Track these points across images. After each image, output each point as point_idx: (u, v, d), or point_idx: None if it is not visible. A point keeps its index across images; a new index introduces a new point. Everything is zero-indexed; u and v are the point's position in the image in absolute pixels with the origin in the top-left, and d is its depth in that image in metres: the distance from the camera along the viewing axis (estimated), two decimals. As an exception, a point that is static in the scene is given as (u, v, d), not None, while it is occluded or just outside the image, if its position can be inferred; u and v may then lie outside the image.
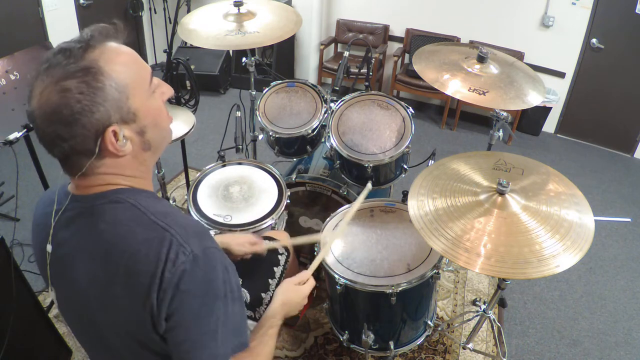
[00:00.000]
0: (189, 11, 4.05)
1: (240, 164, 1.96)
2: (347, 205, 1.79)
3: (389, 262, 1.54)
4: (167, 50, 2.40)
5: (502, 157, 1.52)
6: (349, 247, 1.61)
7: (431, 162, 2.12)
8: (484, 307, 1.73)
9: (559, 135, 4.22)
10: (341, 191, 1.96)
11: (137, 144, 0.80)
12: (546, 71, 3.88)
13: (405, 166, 1.97)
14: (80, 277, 0.80)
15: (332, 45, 4.53)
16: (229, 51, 4.40)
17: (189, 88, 2.86)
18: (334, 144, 1.89)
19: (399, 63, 4.16)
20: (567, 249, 1.18)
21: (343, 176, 1.98)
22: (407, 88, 4.04)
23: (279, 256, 1.51)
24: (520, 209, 1.31)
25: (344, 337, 1.68)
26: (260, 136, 2.35)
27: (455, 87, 1.69)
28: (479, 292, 2.40)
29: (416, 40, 4.04)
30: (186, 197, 1.80)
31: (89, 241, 0.79)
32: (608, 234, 2.95)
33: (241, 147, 2.34)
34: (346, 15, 4.44)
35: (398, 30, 4.32)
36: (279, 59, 4.35)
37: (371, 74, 2.23)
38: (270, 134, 2.03)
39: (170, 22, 4.44)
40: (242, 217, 1.71)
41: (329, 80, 4.60)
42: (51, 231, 0.80)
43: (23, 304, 1.62)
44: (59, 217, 0.82)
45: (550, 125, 4.18)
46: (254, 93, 2.39)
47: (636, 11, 3.45)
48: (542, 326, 2.25)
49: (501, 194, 1.33)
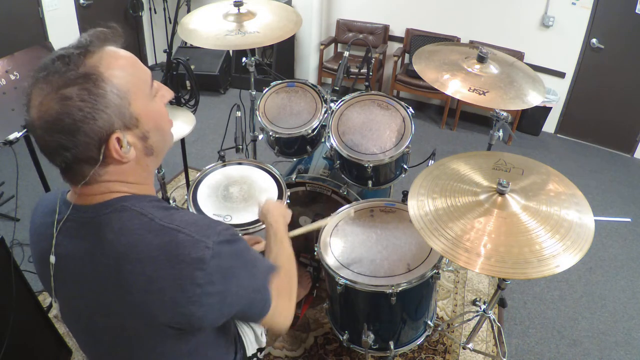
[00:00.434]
0: (189, 11, 4.05)
1: (240, 164, 1.96)
2: (347, 205, 1.79)
3: (389, 262, 1.54)
4: (167, 50, 2.39)
5: (502, 157, 1.52)
6: (349, 247, 1.61)
7: (431, 162, 2.12)
8: (484, 307, 1.73)
9: (559, 135, 4.22)
10: (341, 191, 1.96)
11: (140, 150, 0.79)
12: (546, 71, 3.88)
13: (405, 166, 1.97)
14: (90, 289, 0.79)
15: (332, 45, 4.53)
16: (229, 51, 4.41)
17: (189, 88, 2.86)
18: (334, 144, 1.89)
19: (399, 63, 4.16)
20: (567, 249, 1.18)
21: (343, 176, 1.98)
22: (407, 88, 4.04)
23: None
24: (520, 209, 1.31)
25: (344, 337, 1.68)
26: (260, 136, 2.34)
27: (455, 87, 1.69)
28: (479, 292, 2.40)
29: (416, 40, 4.04)
30: (186, 197, 1.80)
31: (97, 252, 0.77)
32: (608, 234, 2.95)
33: (241, 147, 2.34)
34: (346, 15, 4.44)
35: (398, 30, 4.32)
36: (279, 59, 4.35)
37: (371, 74, 2.23)
38: (270, 134, 2.03)
39: (170, 22, 4.44)
40: (242, 217, 1.71)
41: (329, 80, 4.60)
42: (53, 242, 0.79)
43: (23, 304, 1.62)
44: (60, 227, 0.80)
45: (550, 125, 4.18)
46: (254, 93, 2.39)
47: (636, 11, 3.45)
48: (542, 326, 2.25)
49: (501, 194, 1.33)
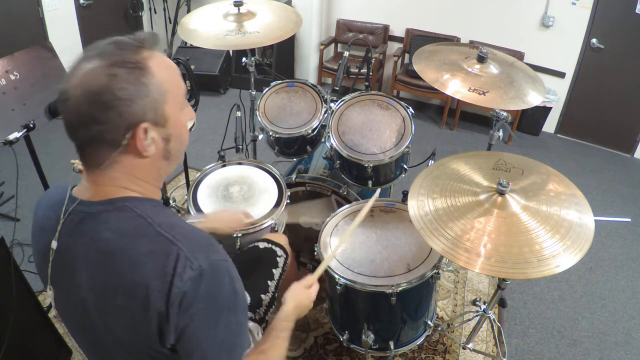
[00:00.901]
0: (189, 11, 4.05)
1: (240, 164, 1.96)
2: (347, 205, 1.79)
3: (389, 262, 1.54)
4: (167, 50, 2.40)
5: (502, 157, 1.52)
6: (349, 247, 1.61)
7: (431, 162, 2.12)
8: (484, 307, 1.73)
9: (559, 135, 4.22)
10: (341, 191, 1.96)
11: (160, 150, 0.82)
12: (546, 71, 3.88)
13: (405, 166, 1.97)
14: (82, 284, 0.80)
15: (332, 45, 4.53)
16: (229, 51, 4.40)
17: (189, 88, 2.86)
18: (334, 144, 1.89)
19: (399, 63, 4.16)
20: (567, 249, 1.18)
21: (343, 176, 1.98)
22: (407, 88, 4.04)
23: (278, 258, 1.51)
24: (520, 209, 1.31)
25: (344, 337, 1.68)
26: (260, 136, 2.34)
27: (455, 87, 1.69)
28: (479, 292, 2.40)
29: (416, 40, 4.04)
30: (186, 197, 1.80)
31: (92, 248, 0.78)
32: (608, 234, 2.95)
33: (241, 147, 2.34)
34: (346, 15, 4.44)
35: (398, 30, 4.32)
36: (279, 59, 4.35)
37: (371, 74, 2.23)
38: (270, 134, 2.03)
39: (170, 22, 4.44)
40: (242, 217, 1.71)
41: (329, 80, 4.60)
42: (59, 227, 0.79)
43: (23, 304, 1.62)
44: (63, 221, 0.81)
45: (550, 125, 4.18)
46: (254, 93, 2.39)
47: (636, 11, 3.45)
48: (542, 326, 2.25)
49: (501, 194, 1.33)
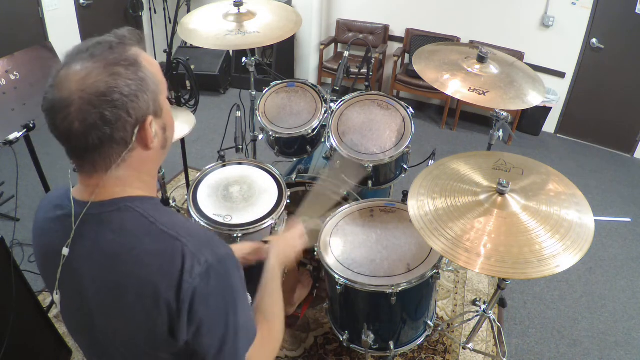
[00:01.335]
0: (189, 11, 4.05)
1: (240, 164, 1.96)
2: (347, 205, 1.79)
3: (389, 262, 1.54)
4: (167, 50, 2.39)
5: (502, 157, 1.52)
6: (349, 247, 1.61)
7: (431, 162, 2.12)
8: (484, 307, 1.73)
9: (559, 135, 4.22)
10: (341, 191, 1.96)
11: (160, 140, 0.83)
12: (546, 71, 3.88)
13: (405, 166, 1.97)
14: (87, 286, 0.80)
15: (332, 45, 4.53)
16: (229, 51, 4.40)
17: (189, 88, 2.86)
18: (334, 144, 1.89)
19: (399, 63, 4.16)
20: (567, 249, 1.18)
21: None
22: (407, 88, 4.04)
23: None
24: (520, 209, 1.31)
25: (344, 337, 1.68)
26: (260, 136, 2.34)
27: (455, 87, 1.70)
28: (479, 292, 2.40)
29: (416, 40, 4.04)
30: (186, 197, 1.80)
31: (95, 250, 0.78)
32: (608, 234, 2.95)
33: (241, 147, 2.34)
34: (346, 15, 4.44)
35: (398, 30, 4.32)
36: (279, 59, 4.35)
37: (371, 74, 2.23)
38: (270, 134, 2.03)
39: (170, 22, 4.44)
40: (242, 217, 1.71)
41: (329, 80, 4.60)
42: (72, 234, 0.78)
43: (23, 304, 1.62)
44: (62, 223, 0.81)
45: (550, 125, 4.18)
46: (254, 93, 2.39)
47: (636, 11, 3.45)
48: (542, 326, 2.25)
49: (501, 194, 1.33)
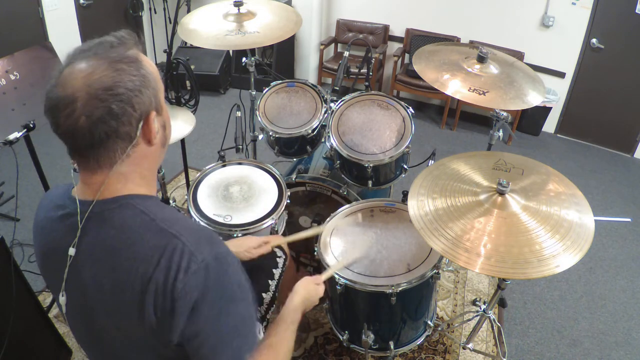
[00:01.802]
0: (189, 11, 4.05)
1: (240, 164, 1.96)
2: (347, 206, 1.79)
3: (389, 262, 1.54)
4: (167, 50, 2.39)
5: (502, 157, 1.52)
6: (349, 247, 1.61)
7: (431, 162, 2.12)
8: (484, 307, 1.73)
9: (559, 135, 4.22)
10: (341, 191, 1.96)
11: (161, 137, 0.84)
12: (546, 71, 3.88)
13: (405, 166, 1.97)
14: (87, 283, 0.80)
15: (332, 45, 4.53)
16: (229, 51, 4.40)
17: (189, 88, 2.86)
18: (334, 144, 1.89)
19: (399, 63, 4.16)
20: (567, 249, 1.18)
21: (343, 176, 1.98)
22: (407, 88, 4.04)
23: (277, 259, 1.52)
24: (520, 209, 1.31)
25: (344, 337, 1.68)
26: (260, 136, 2.35)
27: (455, 87, 1.70)
28: (479, 292, 2.40)
29: (416, 40, 4.04)
30: (186, 197, 1.80)
31: (97, 247, 0.78)
32: (608, 234, 2.95)
33: (241, 147, 2.34)
34: (346, 15, 4.44)
35: (398, 30, 4.32)
36: (279, 59, 4.35)
37: (371, 74, 2.23)
38: (270, 134, 2.03)
39: (170, 22, 4.44)
40: (242, 217, 1.71)
41: (329, 80, 4.60)
42: (78, 232, 0.79)
43: (23, 304, 1.62)
44: (64, 222, 0.81)
45: (550, 125, 4.18)
46: (254, 93, 2.39)
47: (636, 11, 3.45)
48: (542, 326, 2.25)
49: (501, 194, 1.33)
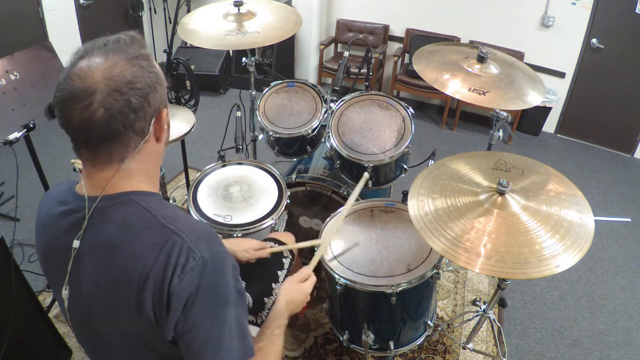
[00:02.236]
0: (189, 11, 4.05)
1: (240, 164, 1.96)
2: (343, 208, 1.78)
3: (389, 262, 1.54)
4: (167, 50, 2.40)
5: (502, 157, 1.52)
6: (349, 247, 1.61)
7: (431, 162, 2.12)
8: (484, 307, 1.73)
9: (559, 135, 4.22)
10: (341, 191, 1.96)
11: (167, 135, 0.86)
12: (546, 71, 3.88)
13: (405, 166, 1.97)
14: (87, 279, 0.80)
15: (332, 45, 4.53)
16: (229, 51, 4.40)
17: (189, 88, 2.86)
18: (334, 144, 1.89)
19: (399, 63, 4.16)
20: (567, 249, 1.18)
21: (343, 176, 1.98)
22: (407, 88, 4.04)
23: (284, 259, 1.50)
24: (520, 209, 1.31)
25: (344, 337, 1.68)
26: (260, 136, 2.35)
27: (455, 87, 1.70)
28: (479, 292, 2.40)
29: (416, 40, 4.04)
30: (186, 197, 1.80)
31: (97, 243, 0.78)
32: (608, 234, 2.95)
33: (241, 147, 2.34)
34: (346, 15, 4.44)
35: (398, 30, 4.32)
36: (279, 59, 4.35)
37: (371, 74, 2.23)
38: (270, 134, 2.03)
39: (170, 22, 4.44)
40: (242, 217, 1.71)
41: (329, 80, 4.60)
42: (84, 224, 0.79)
43: (23, 304, 1.62)
44: (66, 218, 0.81)
45: (550, 125, 4.18)
46: (254, 93, 2.39)
47: (636, 11, 3.45)
48: (542, 326, 2.25)
49: (501, 194, 1.33)
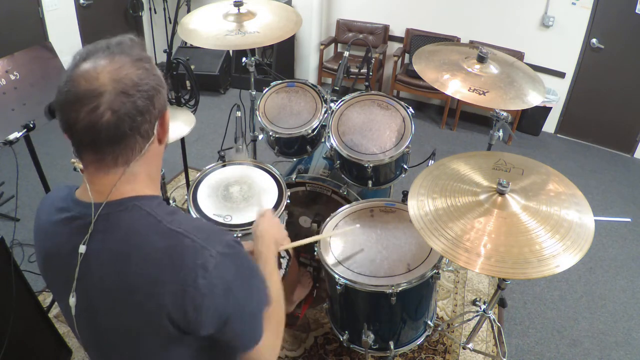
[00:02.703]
0: (189, 11, 4.05)
1: (240, 164, 1.96)
2: (347, 206, 1.78)
3: (389, 262, 1.54)
4: (167, 50, 2.39)
5: (502, 157, 1.52)
6: (349, 247, 1.61)
7: (431, 162, 2.12)
8: (484, 307, 1.73)
9: (559, 135, 4.22)
10: (341, 191, 1.96)
11: (167, 137, 0.86)
12: (546, 71, 3.88)
13: (405, 166, 1.97)
14: (93, 286, 0.79)
15: (332, 45, 4.53)
16: (229, 51, 4.40)
17: (189, 88, 2.86)
18: (334, 144, 1.89)
19: (399, 63, 4.16)
20: (567, 249, 1.18)
21: (343, 176, 1.98)
22: (407, 88, 4.04)
23: (281, 259, 1.51)
24: (520, 209, 1.31)
25: (344, 337, 1.68)
26: (260, 136, 2.35)
27: (455, 87, 1.69)
28: (479, 292, 2.40)
29: (416, 40, 4.04)
30: (186, 197, 1.80)
31: (104, 250, 0.78)
32: (608, 234, 2.95)
33: (241, 147, 2.34)
34: (346, 15, 4.44)
35: (398, 30, 4.32)
36: (279, 59, 4.35)
37: (371, 74, 2.23)
38: (270, 134, 2.03)
39: (170, 22, 4.44)
40: (242, 217, 1.71)
41: (329, 80, 4.60)
42: (90, 228, 0.78)
43: (23, 304, 1.62)
44: (69, 225, 0.81)
45: (550, 125, 4.18)
46: (254, 93, 2.39)
47: (636, 11, 3.45)
48: (542, 326, 2.25)
49: (501, 194, 1.33)
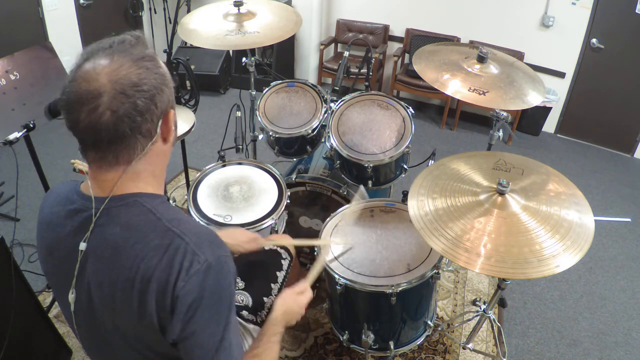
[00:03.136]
0: (189, 11, 4.05)
1: (240, 164, 1.96)
2: (346, 206, 1.79)
3: (389, 262, 1.54)
4: (167, 50, 2.40)
5: (502, 157, 1.52)
6: (344, 249, 1.61)
7: (431, 162, 2.12)
8: (484, 307, 1.73)
9: (559, 135, 4.22)
10: (341, 191, 1.96)
11: (173, 136, 0.85)
12: (546, 71, 3.88)
13: (405, 166, 1.97)
14: (90, 280, 0.80)
15: (332, 45, 4.53)
16: (229, 51, 4.40)
17: (189, 88, 2.86)
18: (334, 144, 1.89)
19: (399, 63, 4.16)
20: (567, 249, 1.18)
21: (343, 176, 1.98)
22: (407, 88, 4.04)
23: (282, 260, 1.51)
24: (520, 209, 1.31)
25: (344, 337, 1.68)
26: (260, 136, 2.35)
27: (455, 87, 1.70)
28: (479, 292, 2.40)
29: (416, 40, 4.04)
30: (186, 197, 1.80)
31: (101, 244, 0.78)
32: (608, 234, 2.95)
33: (241, 147, 2.34)
34: (346, 15, 4.44)
35: (398, 30, 4.32)
36: (279, 59, 4.35)
37: (371, 74, 2.23)
38: (270, 134, 2.03)
39: (170, 22, 4.44)
40: (242, 217, 1.71)
41: (329, 80, 4.60)
42: (91, 226, 0.79)
43: (23, 304, 1.62)
44: (72, 217, 0.81)
45: (550, 125, 4.18)
46: (254, 93, 2.39)
47: (636, 11, 3.45)
48: (542, 326, 2.25)
49: (501, 194, 1.33)
